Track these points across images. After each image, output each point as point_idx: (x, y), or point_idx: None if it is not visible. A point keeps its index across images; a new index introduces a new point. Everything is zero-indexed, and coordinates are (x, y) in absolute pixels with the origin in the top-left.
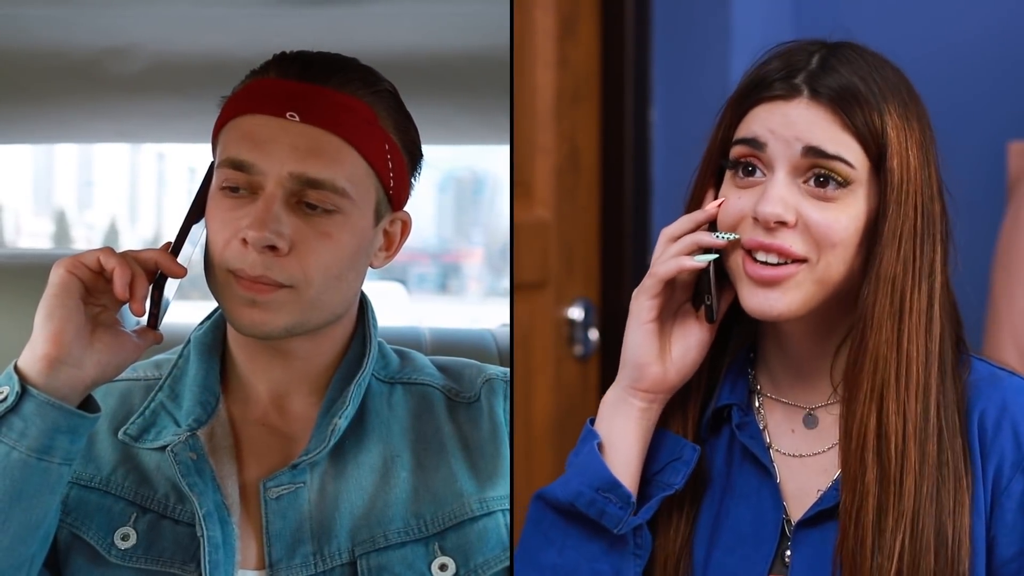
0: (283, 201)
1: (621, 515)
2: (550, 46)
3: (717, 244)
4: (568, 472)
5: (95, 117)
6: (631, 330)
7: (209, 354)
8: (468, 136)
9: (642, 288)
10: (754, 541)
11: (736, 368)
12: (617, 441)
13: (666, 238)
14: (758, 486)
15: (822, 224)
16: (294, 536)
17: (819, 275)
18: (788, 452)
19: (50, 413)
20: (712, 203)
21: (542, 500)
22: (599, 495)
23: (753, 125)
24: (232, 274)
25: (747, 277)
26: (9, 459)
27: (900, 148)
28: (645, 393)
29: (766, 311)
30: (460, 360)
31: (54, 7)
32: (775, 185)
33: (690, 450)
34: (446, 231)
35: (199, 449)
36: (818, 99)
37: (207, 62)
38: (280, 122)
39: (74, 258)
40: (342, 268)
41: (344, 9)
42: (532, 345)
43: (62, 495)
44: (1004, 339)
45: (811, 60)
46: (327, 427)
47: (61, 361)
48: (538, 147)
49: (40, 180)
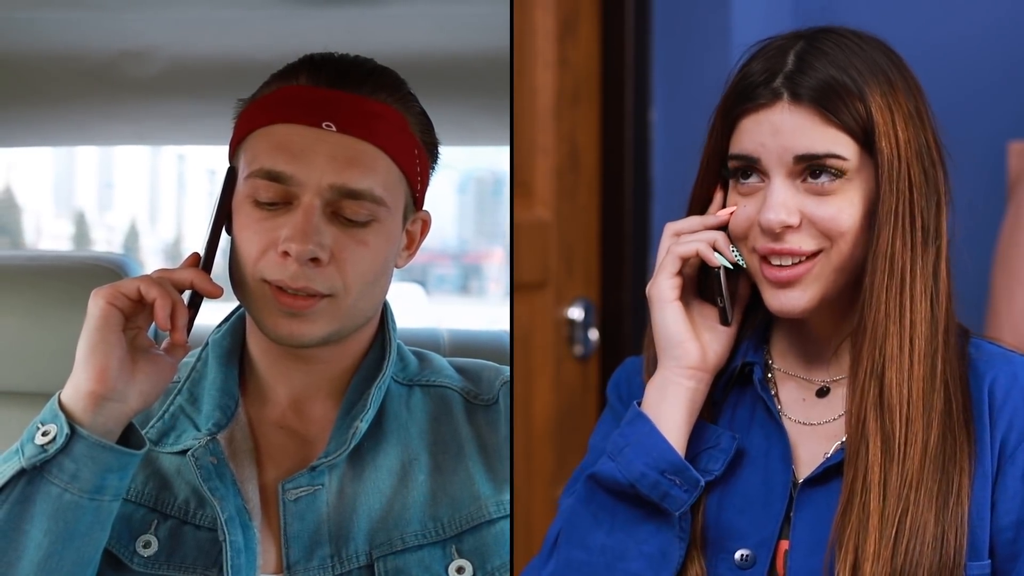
0: (321, 211)
1: (685, 498)
2: (550, 46)
3: (728, 257)
4: (625, 453)
5: (113, 120)
6: (659, 312)
7: (228, 358)
8: (478, 137)
9: (659, 270)
10: (763, 504)
11: (756, 336)
12: (667, 424)
13: (672, 231)
14: (767, 449)
15: (826, 218)
16: (312, 538)
17: (834, 263)
18: (799, 420)
19: (101, 454)
20: (724, 210)
21: (594, 480)
22: (664, 477)
23: (744, 140)
24: (267, 285)
25: (766, 279)
26: (61, 501)
27: (887, 128)
28: (692, 371)
29: (790, 310)
30: (478, 362)
31: (71, 11)
32: (774, 192)
33: (728, 439)
34: (466, 232)
35: (219, 453)
36: (799, 101)
37: (224, 64)
38: (316, 132)
39: (113, 288)
40: (377, 274)
41: (360, 10)
42: (532, 345)
43: (110, 528)
44: (1004, 339)
45: (787, 60)
46: (347, 430)
47: (106, 398)
48: (538, 147)
49: (60, 182)
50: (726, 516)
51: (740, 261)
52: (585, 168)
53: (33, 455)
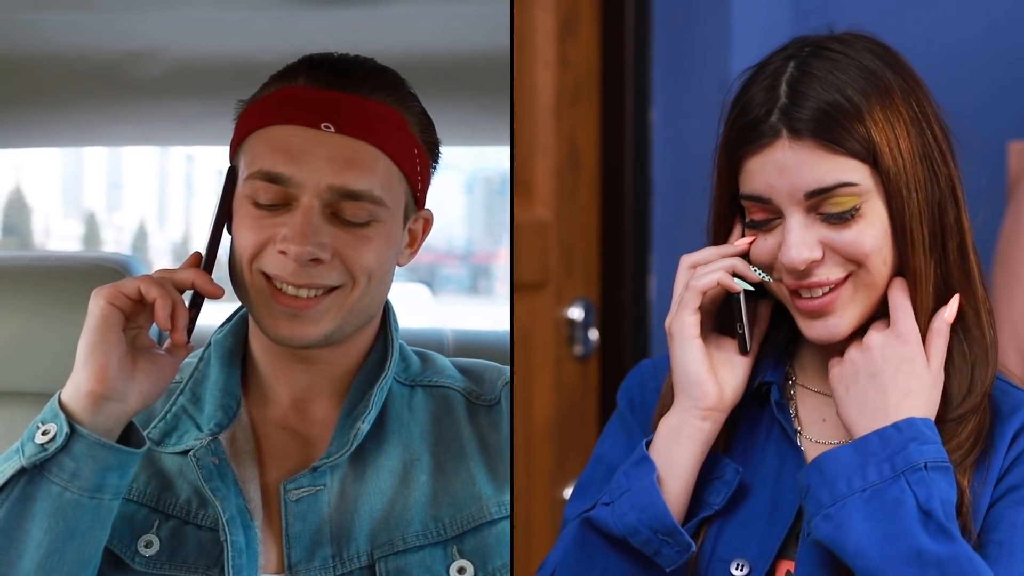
0: (320, 212)
1: (677, 557)
2: (550, 46)
3: (752, 277)
4: (622, 504)
5: (119, 120)
6: (680, 350)
7: (230, 358)
8: (480, 136)
9: (680, 306)
10: (769, 520)
11: (776, 355)
12: (675, 467)
13: (689, 264)
14: (779, 468)
15: (850, 245)
16: (313, 539)
17: (865, 283)
18: (817, 440)
19: (100, 453)
20: (743, 240)
21: (589, 524)
22: (656, 536)
23: (753, 182)
24: (267, 284)
25: (799, 311)
26: (62, 499)
27: (890, 148)
28: (709, 412)
29: (828, 338)
30: (481, 362)
31: (75, 12)
32: (791, 232)
33: (732, 471)
34: (474, 232)
35: (221, 454)
36: (799, 136)
37: (228, 65)
38: (315, 133)
39: (114, 288)
40: (380, 271)
41: (363, 11)
42: (532, 345)
43: (111, 527)
44: (1004, 339)
45: (780, 91)
46: (349, 431)
47: (106, 397)
48: (538, 147)
49: (69, 183)
50: (730, 528)
51: (764, 277)
52: (585, 168)
53: (33, 454)
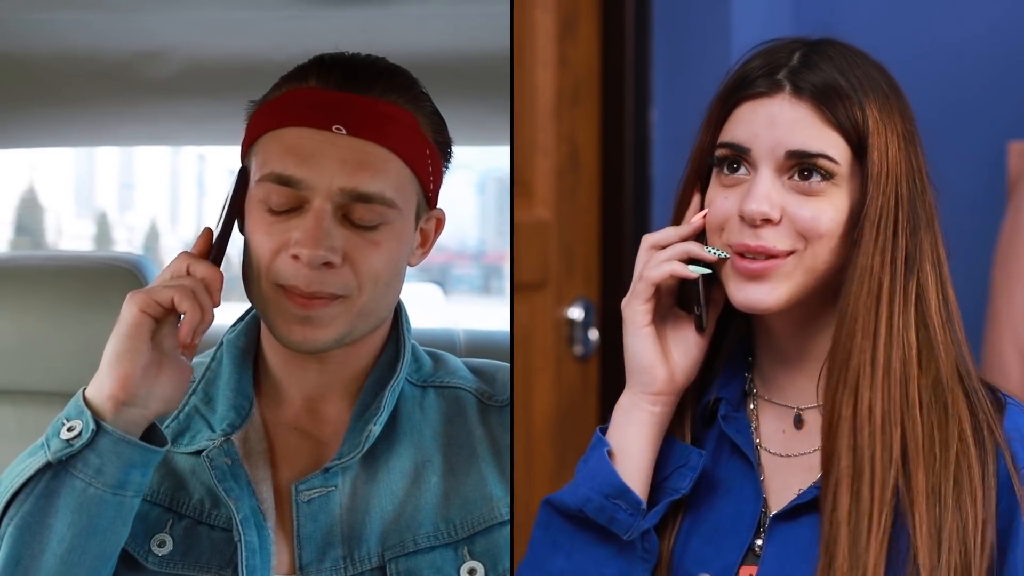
0: (332, 215)
1: (631, 521)
2: (550, 46)
3: (708, 259)
4: (577, 478)
5: (130, 120)
6: (630, 337)
7: (243, 358)
8: (490, 136)
9: (633, 294)
10: (731, 532)
11: (732, 366)
12: (630, 448)
13: (649, 244)
14: (741, 480)
15: (807, 218)
16: (324, 540)
17: (807, 264)
18: (776, 452)
19: (125, 450)
20: (697, 216)
21: (550, 505)
22: (608, 501)
23: (737, 129)
24: (282, 289)
25: (735, 271)
26: (86, 495)
27: (880, 141)
28: (657, 396)
29: (755, 304)
30: (493, 363)
31: (86, 12)
32: (759, 183)
33: (696, 456)
34: (486, 232)
35: (234, 454)
36: (800, 95)
37: (239, 65)
38: (326, 135)
39: (147, 295)
40: (390, 275)
41: (375, 10)
42: (532, 345)
43: (131, 524)
44: (1004, 339)
45: (792, 57)
46: (361, 432)
47: (127, 404)
48: (538, 147)
49: (81, 183)
50: (694, 544)
51: (720, 254)
52: (585, 168)
53: (59, 449)
